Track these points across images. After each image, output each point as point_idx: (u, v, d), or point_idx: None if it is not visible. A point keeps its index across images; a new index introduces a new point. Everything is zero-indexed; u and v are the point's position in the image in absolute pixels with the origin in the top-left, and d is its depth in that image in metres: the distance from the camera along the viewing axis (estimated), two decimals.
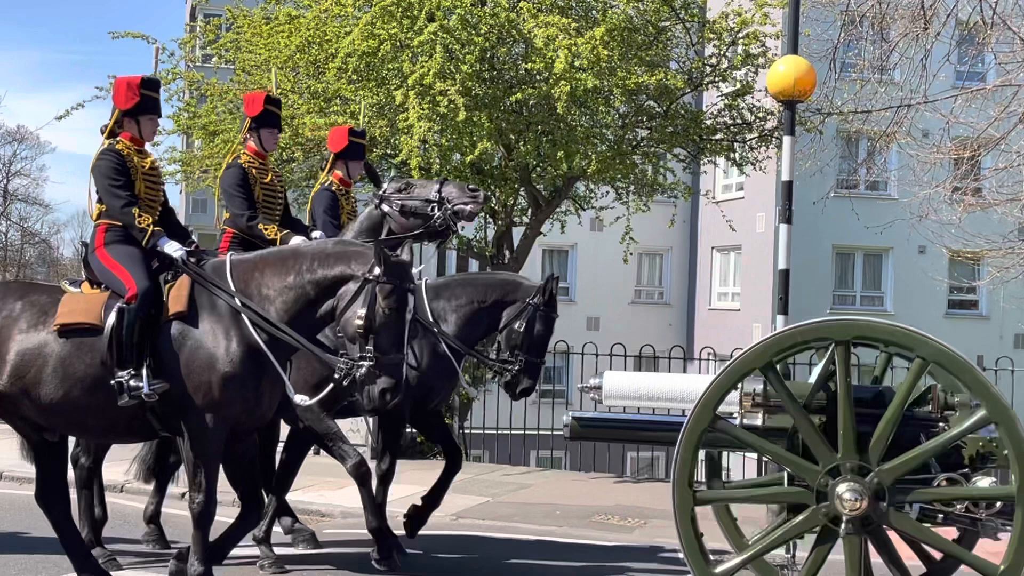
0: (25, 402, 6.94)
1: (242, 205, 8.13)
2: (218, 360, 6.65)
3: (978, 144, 15.54)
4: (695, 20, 15.53)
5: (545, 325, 8.80)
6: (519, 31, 14.00)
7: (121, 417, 6.82)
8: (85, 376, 6.82)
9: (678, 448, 6.11)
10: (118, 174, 7.14)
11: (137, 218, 7.05)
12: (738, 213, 21.10)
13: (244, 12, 16.04)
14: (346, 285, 6.63)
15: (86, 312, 6.89)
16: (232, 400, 6.70)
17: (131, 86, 7.29)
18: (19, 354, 6.88)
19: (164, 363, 6.71)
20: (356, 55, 13.82)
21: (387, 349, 6.50)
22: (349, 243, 7.06)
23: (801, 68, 10.48)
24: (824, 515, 5.91)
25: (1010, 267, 18.00)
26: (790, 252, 10.92)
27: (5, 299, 7.10)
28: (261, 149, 8.38)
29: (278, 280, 6.79)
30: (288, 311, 6.74)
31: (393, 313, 6.50)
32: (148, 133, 7.41)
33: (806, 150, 16.43)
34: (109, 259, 7.06)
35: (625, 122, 15.10)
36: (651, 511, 11.53)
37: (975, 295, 30.30)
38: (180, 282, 6.89)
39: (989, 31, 13.57)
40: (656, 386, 6.89)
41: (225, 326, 6.72)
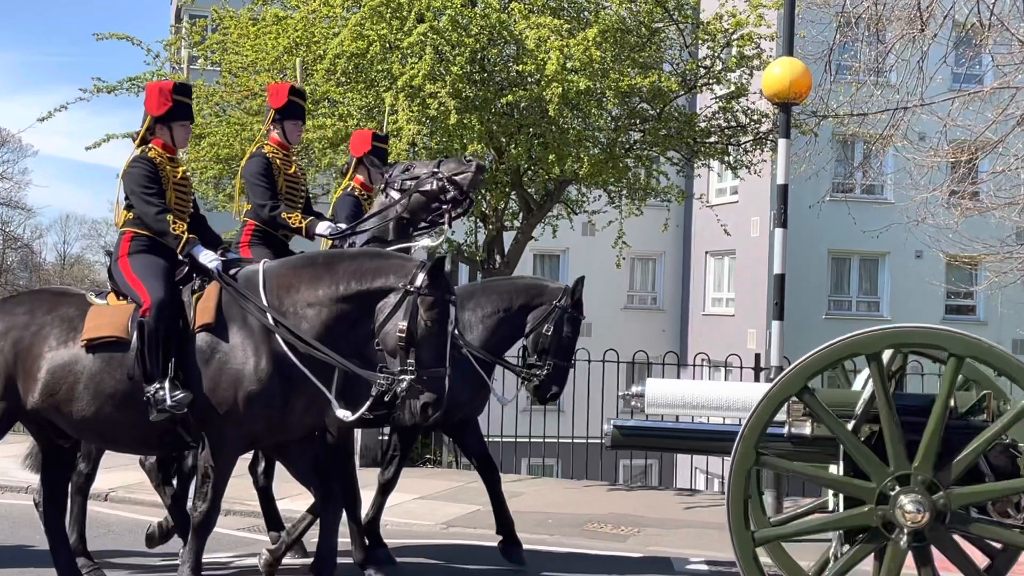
0: (58, 418, 6.93)
1: (264, 195, 8.08)
2: (245, 377, 6.59)
3: (975, 147, 15.58)
4: (689, 21, 15.55)
5: (573, 328, 8.82)
6: (510, 32, 14.01)
7: (153, 431, 6.78)
8: (116, 392, 6.79)
9: (733, 461, 6.05)
10: (151, 182, 7.09)
11: (172, 225, 6.99)
12: (732, 217, 21.14)
13: (230, 13, 16.02)
14: (385, 298, 6.56)
15: (113, 325, 6.85)
16: (255, 417, 6.63)
17: (163, 92, 7.25)
18: (50, 372, 6.85)
19: (190, 375, 6.66)
20: (345, 56, 13.82)
21: (429, 363, 6.41)
22: (387, 255, 6.98)
23: (796, 70, 10.55)
24: (879, 517, 5.87)
25: (1008, 272, 18.04)
26: (786, 256, 10.96)
27: (34, 313, 7.08)
28: (285, 141, 8.34)
29: (313, 296, 6.70)
30: (325, 327, 6.65)
31: (435, 325, 6.43)
32: (180, 140, 7.36)
33: (801, 153, 16.46)
34: (129, 270, 7.01)
35: (618, 125, 15.12)
36: (645, 519, 11.54)
37: (972, 300, 30.39)
38: (208, 292, 6.83)
39: (986, 33, 13.60)
40: (702, 394, 6.80)
41: (255, 341, 6.65)
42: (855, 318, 30.82)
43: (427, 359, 6.42)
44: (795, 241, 14.36)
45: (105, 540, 9.29)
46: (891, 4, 14.86)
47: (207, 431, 6.69)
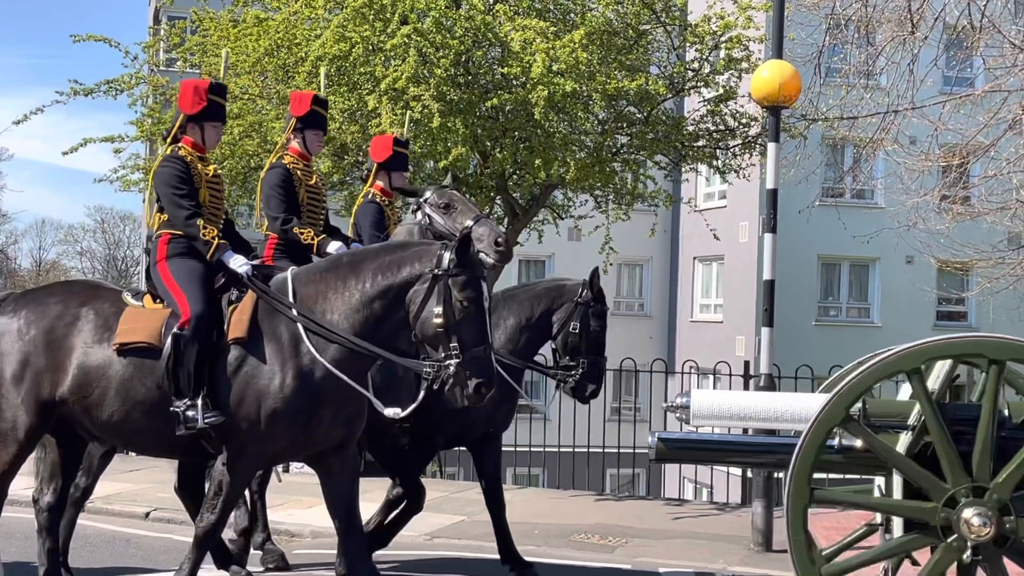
0: (86, 419, 6.88)
1: (279, 207, 7.98)
2: (269, 394, 6.51)
3: (967, 151, 15.64)
4: (676, 23, 15.58)
5: (599, 321, 8.82)
6: (495, 34, 14.01)
7: (179, 441, 6.71)
8: (145, 400, 6.73)
9: (792, 471, 6.03)
10: (182, 182, 7.00)
11: (202, 230, 6.89)
12: (721, 222, 21.14)
13: (210, 15, 15.99)
14: (414, 287, 6.47)
15: (146, 331, 6.77)
16: (277, 436, 6.57)
17: (198, 90, 7.18)
18: (82, 369, 6.79)
19: (219, 390, 6.59)
20: (327, 59, 13.80)
21: (472, 343, 6.31)
22: (407, 244, 6.93)
23: (786, 73, 10.55)
24: (956, 549, 5.89)
25: (1000, 278, 18.11)
26: (775, 262, 10.96)
27: (68, 303, 7.01)
28: (305, 151, 8.26)
29: (343, 303, 6.61)
30: (359, 333, 6.56)
31: (471, 305, 6.33)
32: (211, 140, 7.29)
33: (791, 157, 16.50)
34: (168, 276, 6.92)
35: (604, 128, 15.12)
36: (633, 529, 11.53)
37: (964, 306, 30.49)
38: (244, 304, 6.74)
39: (978, 35, 13.66)
40: (750, 405, 6.76)
41: (283, 357, 6.56)
42: (845, 324, 30.93)
43: (468, 340, 6.30)
44: (784, 246, 14.37)
45: (83, 552, 9.22)
46: (881, 6, 14.91)
47: (227, 445, 6.62)
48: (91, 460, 8.02)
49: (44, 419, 6.93)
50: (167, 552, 10.00)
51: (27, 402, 6.86)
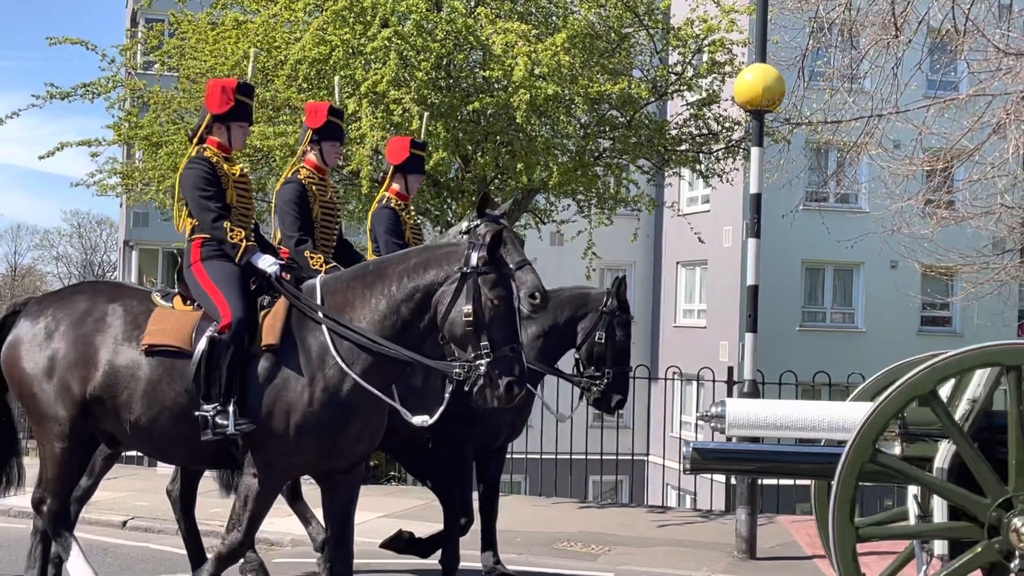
0: (114, 422, 6.83)
1: (293, 226, 7.89)
2: (299, 407, 6.46)
3: (951, 155, 15.71)
4: (659, 27, 15.59)
5: (624, 331, 8.83)
6: (477, 37, 14.01)
7: (207, 448, 6.65)
8: (173, 404, 6.67)
9: (837, 482, 6.02)
10: (208, 184, 6.95)
11: (229, 233, 6.85)
12: (704, 227, 21.22)
13: (188, 17, 15.95)
14: (442, 287, 6.42)
15: (176, 334, 6.72)
16: (305, 449, 6.50)
17: (226, 90, 7.13)
18: (112, 367, 6.75)
19: (250, 399, 6.53)
20: (306, 62, 13.79)
21: (502, 341, 6.24)
22: (433, 246, 6.90)
23: (769, 77, 10.59)
24: (998, 551, 5.91)
25: (984, 283, 18.19)
26: (759, 267, 11.00)
27: (95, 300, 6.98)
28: (322, 163, 8.16)
29: (370, 312, 6.57)
30: (389, 335, 6.50)
31: (502, 303, 6.29)
32: (238, 141, 7.25)
33: (774, 161, 16.56)
34: (206, 277, 6.86)
35: (587, 132, 15.15)
36: (616, 537, 11.54)
37: (948, 312, 30.62)
38: (276, 310, 6.69)
39: (962, 39, 13.71)
40: (787, 415, 6.75)
41: (312, 367, 6.51)
42: (829, 330, 31.03)
43: (499, 338, 6.24)
44: (768, 251, 14.40)
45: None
46: (865, 9, 14.96)
47: (255, 457, 6.55)
48: (94, 461, 7.96)
49: (83, 414, 6.87)
50: (144, 561, 9.97)
51: (62, 397, 6.83)
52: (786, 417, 6.74)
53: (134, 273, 36.07)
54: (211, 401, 6.50)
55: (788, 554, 11.06)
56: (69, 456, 6.96)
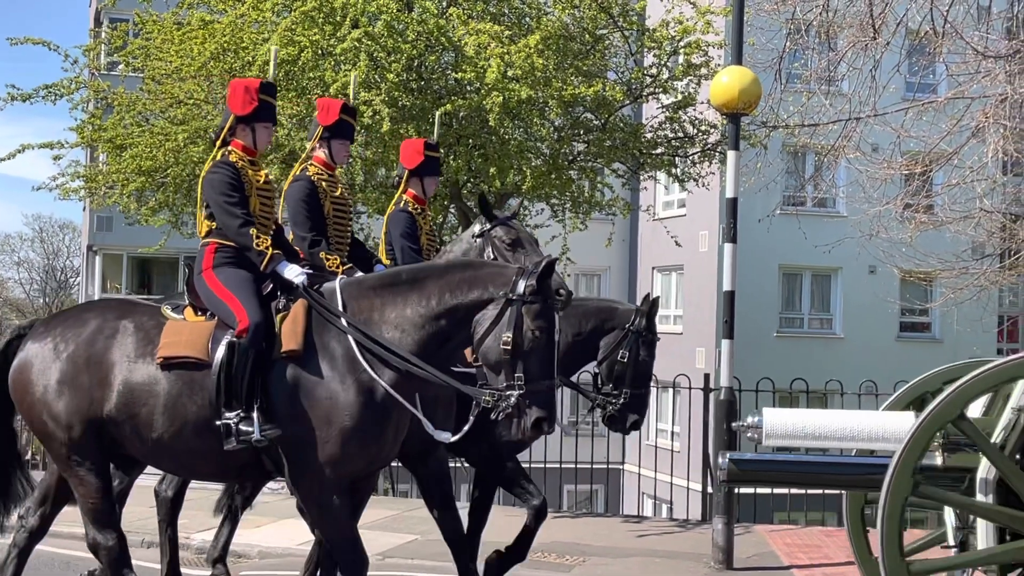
0: (134, 441, 6.70)
1: (305, 225, 7.79)
2: (338, 412, 6.36)
3: (930, 159, 15.80)
4: (634, 28, 15.63)
5: (649, 352, 8.72)
6: (449, 39, 14.01)
7: (232, 460, 6.56)
8: (196, 417, 6.55)
9: (885, 497, 6.02)
10: (233, 189, 6.83)
11: (255, 239, 6.75)
12: (680, 231, 21.26)
13: (153, 17, 15.88)
14: (484, 310, 6.36)
15: (191, 344, 6.61)
16: (353, 456, 6.42)
17: (249, 90, 7.04)
18: (128, 386, 6.63)
19: (276, 406, 6.43)
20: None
21: (538, 375, 6.20)
22: (478, 263, 6.84)
23: (746, 79, 10.62)
24: None
25: (964, 288, 18.29)
26: (735, 273, 11.02)
27: (105, 316, 6.87)
28: (331, 161, 8.08)
29: (401, 316, 6.50)
30: (418, 349, 6.44)
31: (543, 335, 6.23)
32: (262, 142, 7.16)
33: (751, 165, 16.60)
34: (218, 284, 6.76)
35: (561, 135, 15.16)
36: (590, 548, 11.53)
37: (928, 317, 30.77)
38: (295, 314, 6.59)
39: (940, 41, 13.80)
40: (825, 425, 6.73)
41: (341, 371, 6.43)
42: (807, 336, 31.14)
43: (535, 371, 6.19)
44: (745, 256, 14.44)
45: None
46: (843, 11, 15.04)
47: (301, 476, 6.45)
48: None
49: (97, 437, 6.73)
50: None
51: (77, 419, 6.69)
52: (824, 427, 6.72)
53: (98, 279, 35.86)
54: (233, 409, 6.40)
55: (765, 564, 11.08)
56: (102, 478, 6.81)
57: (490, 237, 8.43)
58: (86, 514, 6.84)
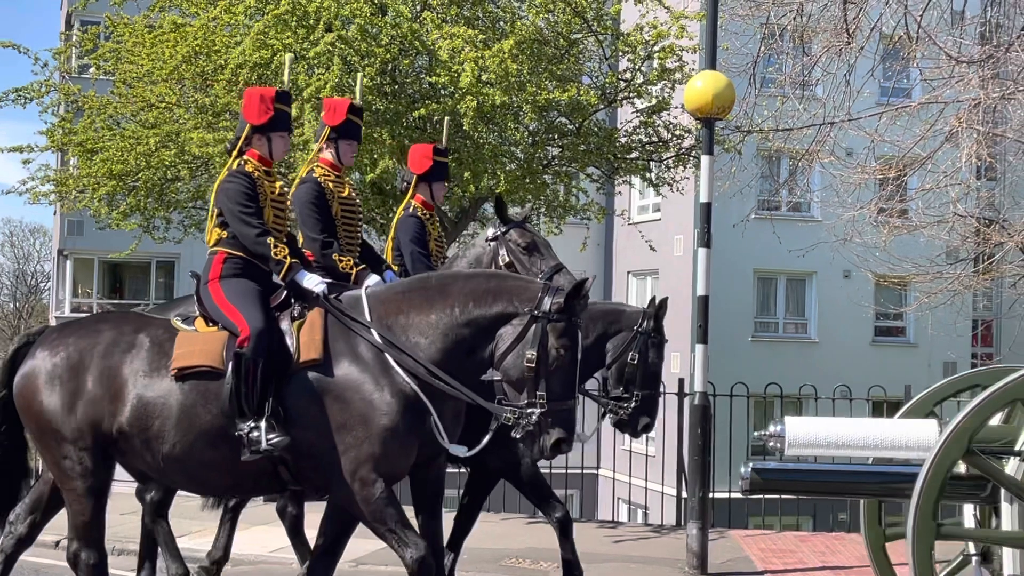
0: (145, 455, 6.63)
1: (315, 227, 7.69)
2: (374, 413, 6.32)
3: (904, 164, 15.90)
4: (608, 33, 15.67)
5: (658, 353, 8.69)
6: (422, 43, 14.01)
7: (248, 472, 6.52)
8: (210, 428, 6.49)
9: (916, 505, 6.00)
10: (249, 200, 6.80)
11: (273, 249, 6.72)
12: (655, 236, 21.31)
13: (125, 20, 15.81)
14: (507, 324, 6.34)
15: (205, 354, 6.56)
16: (394, 455, 6.38)
17: (265, 99, 7.00)
18: (141, 400, 6.56)
19: (299, 415, 6.39)
20: (247, 66, 13.72)
21: (560, 394, 6.20)
22: (505, 275, 6.82)
23: (719, 84, 10.65)
24: None
25: (938, 292, 18.40)
26: (709, 277, 11.05)
27: (121, 329, 6.80)
28: (337, 162, 7.99)
29: (426, 324, 6.47)
30: (443, 360, 6.42)
31: (568, 354, 6.23)
32: (279, 152, 7.11)
33: (725, 170, 16.66)
34: (221, 297, 6.73)
35: (535, 140, 15.18)
36: None
37: (902, 322, 30.94)
38: (311, 323, 6.56)
39: (914, 46, 13.89)
40: (849, 434, 6.73)
41: (373, 374, 6.39)
42: (782, 340, 31.25)
43: (557, 390, 6.20)
44: (720, 261, 14.53)
45: None
46: (817, 15, 15.13)
47: (344, 481, 6.38)
48: None
49: (103, 452, 6.67)
50: None
51: (85, 433, 6.61)
52: (847, 436, 6.72)
53: (69, 283, 35.65)
54: (246, 419, 6.36)
55: (740, 569, 11.11)
56: (100, 494, 6.75)
57: (504, 240, 8.43)
58: (74, 528, 6.78)
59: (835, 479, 7.30)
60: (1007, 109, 14.46)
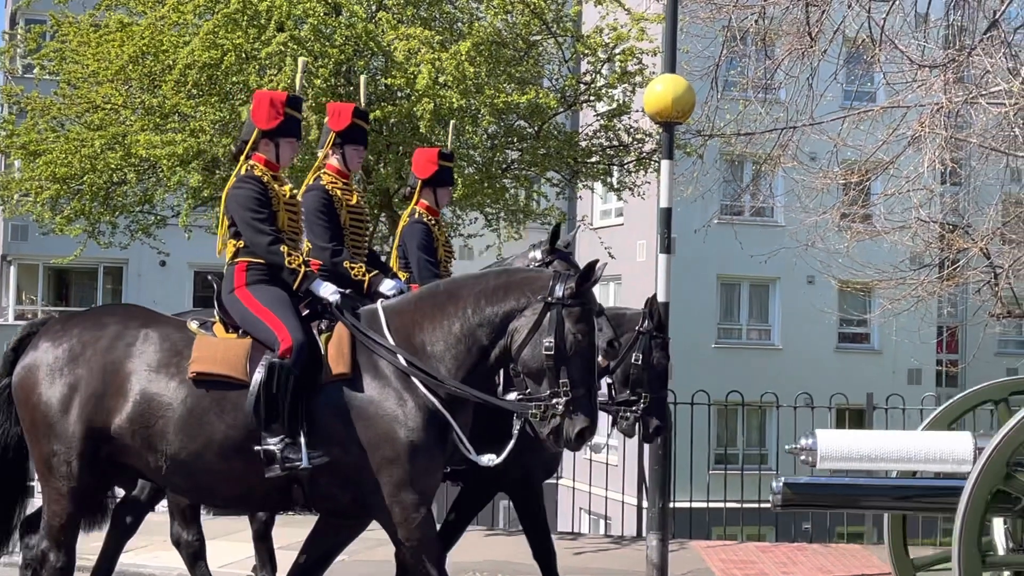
0: (147, 455, 6.52)
1: (324, 235, 7.64)
2: (400, 429, 6.29)
3: (867, 168, 16.01)
4: (568, 35, 15.70)
5: (663, 352, 8.65)
6: (378, 43, 13.98)
7: (258, 487, 6.42)
8: (224, 438, 6.39)
9: (962, 521, 6.01)
10: (261, 205, 6.71)
11: (287, 258, 6.64)
12: (617, 241, 21.36)
13: (70, 19, 15.68)
14: (519, 317, 6.32)
15: (227, 363, 6.46)
16: (423, 471, 6.34)
17: (275, 103, 6.92)
18: (146, 397, 6.46)
19: (328, 432, 6.32)
20: (196, 67, 13.65)
21: (579, 382, 6.18)
22: (512, 270, 6.82)
23: (679, 88, 10.69)
24: None
25: (902, 299, 18.53)
26: (670, 283, 11.09)
27: (127, 323, 6.70)
28: (344, 168, 7.96)
29: (442, 333, 6.44)
30: (463, 366, 6.40)
31: (585, 340, 6.22)
32: (286, 158, 7.02)
33: (688, 174, 16.73)
34: (255, 302, 6.62)
35: (494, 143, 15.19)
36: (523, 566, 11.50)
37: (866, 328, 31.17)
38: (339, 336, 6.49)
39: (878, 49, 13.99)
40: (883, 447, 6.72)
41: (397, 388, 6.36)
42: (745, 347, 31.42)
43: (576, 377, 6.17)
44: (682, 266, 14.57)
45: None
46: (779, 18, 15.22)
47: (377, 498, 6.34)
48: None
49: (96, 452, 6.57)
50: None
51: (82, 429, 6.53)
52: (881, 449, 6.72)
53: (12, 290, 35.29)
54: (275, 434, 6.26)
55: None
56: (80, 499, 6.67)
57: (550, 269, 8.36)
58: (48, 527, 6.69)
59: (874, 493, 7.27)
60: (970, 113, 14.59)
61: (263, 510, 7.66)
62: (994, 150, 15.18)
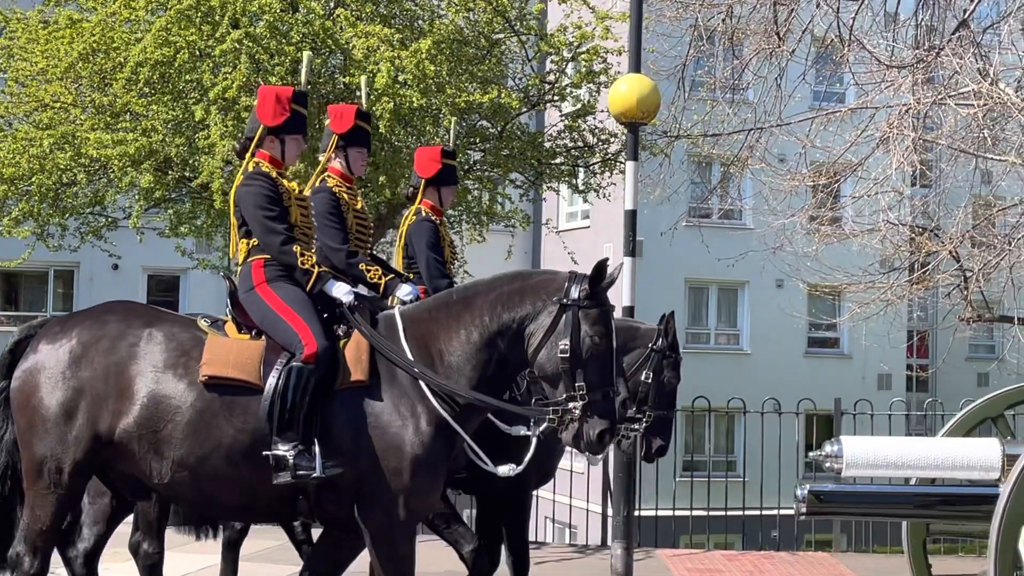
0: (152, 461, 6.36)
1: (336, 237, 7.55)
2: (407, 442, 6.20)
3: (835, 170, 16.06)
4: (532, 33, 15.68)
5: (674, 372, 8.54)
6: (336, 41, 13.94)
7: (263, 496, 6.31)
8: (232, 443, 6.25)
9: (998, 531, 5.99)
10: (272, 203, 6.58)
11: (300, 258, 6.52)
12: (584, 244, 21.38)
13: (18, 15, 15.56)
14: (535, 320, 6.27)
15: (241, 366, 6.32)
16: (425, 488, 6.27)
17: (281, 99, 6.80)
18: (152, 399, 6.30)
19: (339, 440, 6.22)
20: (148, 64, 13.57)
21: (598, 384, 6.14)
22: (526, 273, 6.73)
23: (644, 88, 10.69)
24: None
25: (871, 302, 18.60)
26: (635, 287, 11.09)
27: (130, 322, 6.53)
28: (348, 172, 7.88)
29: (460, 343, 6.36)
30: (482, 375, 6.33)
31: (603, 341, 6.19)
32: (291, 155, 6.90)
33: (654, 176, 16.72)
34: (278, 301, 6.48)
35: (456, 144, 15.14)
36: None
37: (836, 332, 31.29)
38: (358, 342, 6.39)
39: (846, 50, 14.04)
40: (910, 453, 6.69)
41: (410, 400, 6.28)
42: (714, 352, 31.47)
43: (595, 380, 6.13)
44: (650, 270, 14.57)
45: None
46: (747, 17, 15.24)
47: (370, 516, 6.27)
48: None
49: (94, 459, 6.43)
50: None
51: (82, 436, 6.37)
52: (907, 455, 6.71)
53: None
54: (288, 440, 6.15)
55: None
56: (65, 507, 6.54)
57: None
58: (27, 530, 6.54)
59: (899, 501, 7.27)
60: (939, 115, 14.67)
61: (265, 521, 7.56)
62: (963, 152, 15.23)
